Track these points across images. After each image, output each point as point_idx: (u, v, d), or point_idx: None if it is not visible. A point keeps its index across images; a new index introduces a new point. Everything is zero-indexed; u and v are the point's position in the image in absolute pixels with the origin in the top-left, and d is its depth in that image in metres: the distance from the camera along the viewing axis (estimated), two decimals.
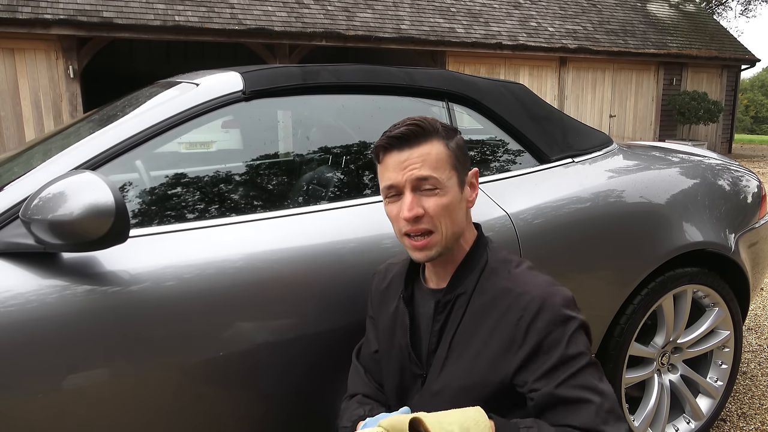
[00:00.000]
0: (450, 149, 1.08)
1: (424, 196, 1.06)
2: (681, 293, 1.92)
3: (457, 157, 1.09)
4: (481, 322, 1.06)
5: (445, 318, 1.10)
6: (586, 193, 1.73)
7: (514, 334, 1.02)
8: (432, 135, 1.07)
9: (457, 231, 1.09)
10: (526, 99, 1.86)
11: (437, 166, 1.06)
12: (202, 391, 1.24)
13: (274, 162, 1.63)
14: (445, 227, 1.07)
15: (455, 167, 1.08)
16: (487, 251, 1.13)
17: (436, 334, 1.11)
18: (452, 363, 1.08)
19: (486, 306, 1.06)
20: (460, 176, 1.10)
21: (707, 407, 2.07)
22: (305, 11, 9.51)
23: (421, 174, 1.05)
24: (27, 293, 1.11)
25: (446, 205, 1.06)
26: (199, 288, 1.23)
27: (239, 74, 1.52)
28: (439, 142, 1.07)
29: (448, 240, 1.08)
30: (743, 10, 25.60)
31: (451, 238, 1.09)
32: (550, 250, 1.62)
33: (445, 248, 1.09)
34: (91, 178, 1.09)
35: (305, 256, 1.35)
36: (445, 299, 1.10)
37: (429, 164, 1.05)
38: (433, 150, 1.06)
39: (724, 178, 2.11)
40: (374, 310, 1.27)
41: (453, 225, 1.08)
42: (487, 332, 1.05)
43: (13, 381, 1.08)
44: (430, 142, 1.07)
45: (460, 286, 1.10)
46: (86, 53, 8.14)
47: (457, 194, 1.08)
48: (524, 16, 11.57)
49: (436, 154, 1.06)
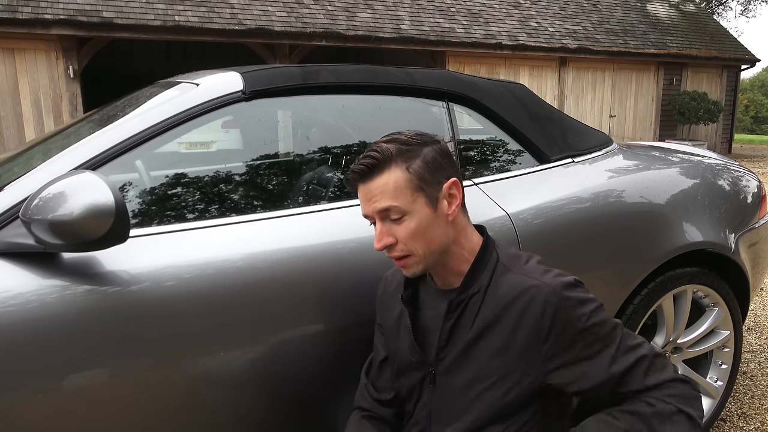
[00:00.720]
0: (411, 172, 1.06)
1: (394, 225, 1.07)
2: (681, 293, 1.92)
3: (421, 177, 1.07)
4: (502, 317, 1.07)
5: (458, 316, 1.10)
6: (586, 193, 1.73)
7: (540, 326, 1.03)
8: (387, 163, 1.06)
9: (437, 248, 1.09)
10: (526, 99, 1.86)
11: (396, 195, 1.05)
12: (202, 391, 1.24)
13: (274, 162, 1.63)
14: (421, 249, 1.08)
15: (419, 188, 1.07)
16: (497, 249, 1.14)
17: (447, 332, 1.11)
18: (474, 359, 1.09)
19: (504, 300, 1.07)
20: (429, 194, 1.08)
21: (707, 407, 2.06)
22: (305, 11, 9.51)
23: (381, 206, 1.06)
24: (27, 293, 1.11)
25: (415, 229, 1.06)
26: (199, 288, 1.23)
27: (239, 74, 1.52)
28: (396, 169, 1.06)
29: (428, 258, 1.09)
30: (743, 10, 25.61)
31: (433, 256, 1.09)
32: (550, 250, 1.62)
33: (428, 265, 1.10)
34: (91, 178, 1.09)
35: (305, 257, 1.35)
36: (459, 299, 1.10)
37: (387, 195, 1.05)
38: (391, 179, 1.06)
39: (724, 178, 2.11)
40: (381, 316, 1.28)
41: (430, 244, 1.08)
42: (510, 327, 1.06)
43: (13, 381, 1.08)
44: (387, 170, 1.06)
45: (474, 285, 1.10)
46: (86, 53, 8.14)
47: (427, 214, 1.07)
48: (524, 16, 11.57)
49: (394, 182, 1.05)
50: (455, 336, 1.11)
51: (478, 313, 1.09)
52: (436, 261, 1.11)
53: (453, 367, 1.11)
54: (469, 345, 1.09)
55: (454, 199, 1.10)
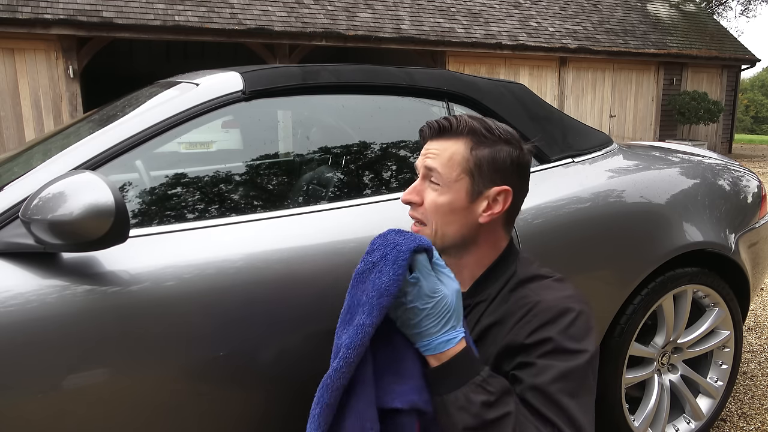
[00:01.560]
0: (472, 155, 1.05)
1: (430, 188, 1.07)
2: (681, 293, 1.91)
3: (478, 165, 1.04)
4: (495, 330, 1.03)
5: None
6: (586, 193, 1.73)
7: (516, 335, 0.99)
8: (458, 135, 1.06)
9: (452, 236, 1.06)
10: (526, 99, 1.86)
11: (447, 164, 1.05)
12: (202, 391, 1.24)
13: (274, 162, 1.63)
14: (436, 225, 1.06)
15: (470, 173, 1.05)
16: (517, 263, 1.09)
17: None
18: None
19: (501, 315, 1.03)
20: (475, 185, 1.05)
21: (707, 407, 2.07)
22: (305, 11, 9.51)
23: (428, 164, 1.06)
24: (27, 293, 1.11)
25: (441, 204, 1.05)
26: (199, 288, 1.23)
27: (239, 74, 1.52)
28: (462, 144, 1.05)
29: (438, 239, 1.06)
30: (743, 10, 25.61)
31: (444, 239, 1.06)
32: (550, 250, 1.62)
33: (437, 246, 1.06)
34: (91, 178, 1.09)
35: (305, 257, 1.35)
36: (464, 303, 1.07)
37: (440, 159, 1.05)
38: (452, 148, 1.05)
39: (724, 178, 2.11)
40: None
41: (446, 227, 1.05)
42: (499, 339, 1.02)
43: (13, 381, 1.08)
44: (455, 140, 1.06)
45: (482, 293, 1.08)
46: (86, 53, 8.14)
47: (461, 199, 1.05)
48: (524, 16, 11.57)
49: (452, 152, 1.05)
50: None
51: (478, 323, 1.06)
52: (448, 248, 1.08)
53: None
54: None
55: (496, 205, 1.06)
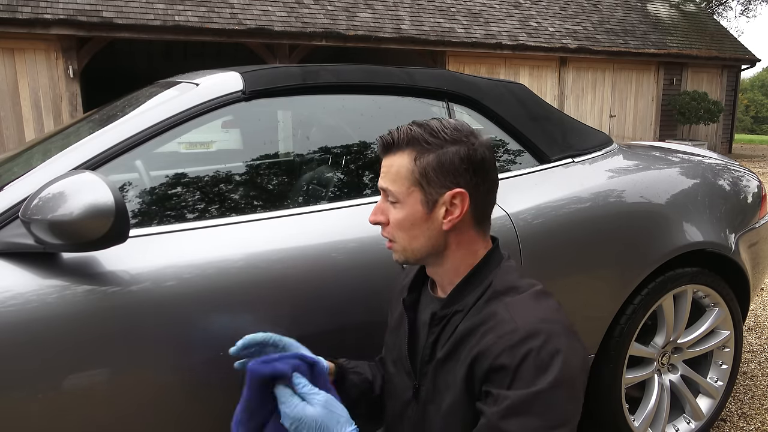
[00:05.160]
0: (416, 164, 1.01)
1: (390, 206, 1.06)
2: (681, 293, 1.91)
3: (424, 173, 1.00)
4: (464, 344, 0.99)
5: (439, 332, 1.05)
6: (586, 193, 1.73)
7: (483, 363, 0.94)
8: (400, 147, 1.03)
9: (421, 248, 1.04)
10: (526, 99, 1.86)
11: (396, 179, 1.03)
12: (202, 391, 1.24)
13: (274, 162, 1.63)
14: (403, 242, 1.05)
15: (418, 183, 1.01)
16: (497, 271, 1.04)
17: (430, 346, 1.07)
18: (441, 379, 1.04)
19: (472, 328, 0.99)
20: (427, 194, 1.01)
21: (707, 407, 2.07)
22: (305, 11, 9.51)
23: (380, 184, 1.06)
24: (27, 293, 1.11)
25: (401, 220, 1.04)
26: (199, 288, 1.23)
27: (239, 74, 1.52)
28: (406, 156, 1.02)
29: (409, 253, 1.05)
30: (743, 10, 25.62)
31: (415, 253, 1.05)
32: (550, 250, 1.62)
33: (407, 260, 1.07)
34: (91, 178, 1.09)
35: (305, 256, 1.35)
36: (442, 313, 1.05)
37: (389, 176, 1.04)
38: (396, 162, 1.03)
39: (724, 178, 2.11)
40: (390, 304, 1.26)
41: (411, 241, 1.04)
42: (465, 355, 0.98)
43: (13, 381, 1.08)
44: (399, 153, 1.03)
45: (459, 302, 1.04)
46: (86, 53, 8.14)
47: (418, 212, 1.02)
48: (524, 16, 11.56)
49: (398, 167, 1.03)
50: (436, 352, 1.05)
51: (453, 333, 1.02)
52: (423, 260, 1.07)
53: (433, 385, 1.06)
54: (437, 366, 1.04)
55: (455, 209, 1.02)
